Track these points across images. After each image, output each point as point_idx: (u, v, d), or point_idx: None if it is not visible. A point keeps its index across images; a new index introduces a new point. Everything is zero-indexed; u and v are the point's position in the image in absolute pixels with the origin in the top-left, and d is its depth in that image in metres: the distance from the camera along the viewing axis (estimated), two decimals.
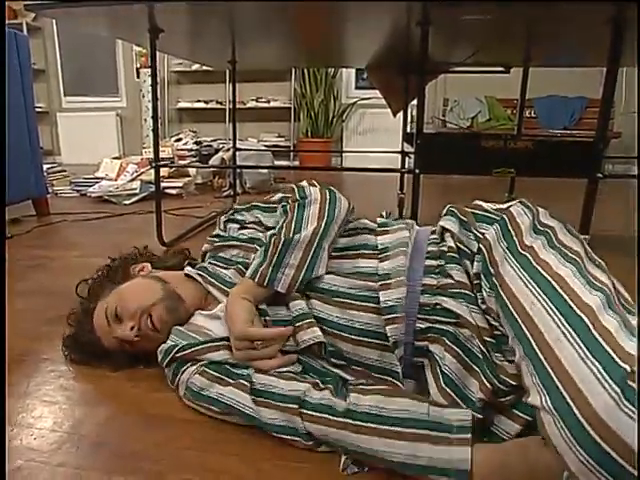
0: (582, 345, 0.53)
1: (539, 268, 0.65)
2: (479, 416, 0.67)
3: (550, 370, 0.54)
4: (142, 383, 0.92)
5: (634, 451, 0.45)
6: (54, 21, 5.65)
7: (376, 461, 0.67)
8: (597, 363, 0.50)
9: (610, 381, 0.48)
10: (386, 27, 1.75)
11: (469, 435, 0.62)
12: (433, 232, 0.86)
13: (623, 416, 0.46)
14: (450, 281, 0.75)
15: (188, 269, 0.99)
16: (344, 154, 4.58)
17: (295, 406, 0.73)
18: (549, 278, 0.63)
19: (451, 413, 0.65)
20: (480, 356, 0.70)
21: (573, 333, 0.54)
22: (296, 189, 0.93)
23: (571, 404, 0.50)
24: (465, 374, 0.70)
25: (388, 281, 0.78)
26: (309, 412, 0.72)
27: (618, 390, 0.47)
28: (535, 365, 0.56)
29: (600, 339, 0.52)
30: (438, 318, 0.74)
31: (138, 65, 5.62)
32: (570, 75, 4.14)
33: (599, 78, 4.42)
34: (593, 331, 0.53)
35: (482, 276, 0.72)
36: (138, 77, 5.57)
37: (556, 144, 1.69)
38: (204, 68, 5.29)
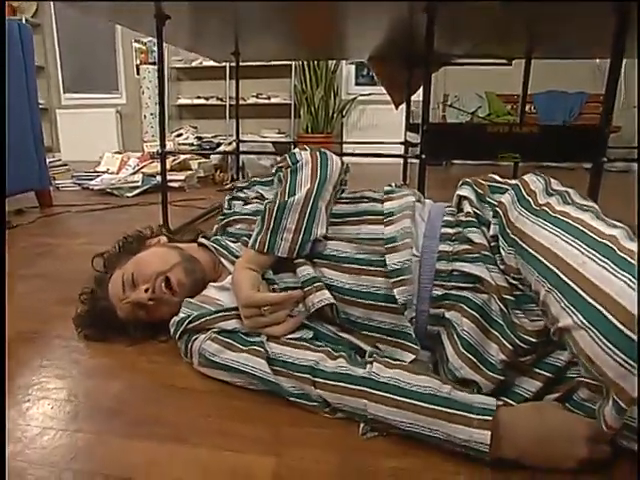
0: (609, 262, 0.55)
1: (558, 216, 0.65)
2: (501, 378, 0.68)
3: (579, 290, 0.55)
4: (156, 357, 0.93)
5: None
6: (54, 17, 5.66)
7: (394, 429, 0.68)
8: (626, 274, 0.52)
9: None
10: (390, 16, 1.76)
11: (491, 418, 0.61)
12: (449, 206, 0.87)
13: None
14: (467, 247, 0.76)
15: (202, 239, 1.00)
16: (345, 146, 4.55)
17: (308, 376, 0.73)
18: (569, 221, 0.63)
19: (475, 396, 0.65)
20: (499, 320, 0.70)
21: (598, 255, 0.56)
22: (288, 156, 0.93)
23: (604, 312, 0.52)
24: (484, 338, 0.70)
25: (394, 244, 0.78)
26: (323, 381, 0.73)
27: None
28: (563, 291, 0.57)
29: (625, 256, 0.54)
30: (455, 284, 0.74)
31: (138, 62, 5.62)
32: (569, 71, 4.16)
33: (597, 73, 4.44)
34: (618, 252, 0.55)
35: (500, 237, 0.72)
36: (138, 74, 5.56)
37: (561, 129, 1.70)
38: (204, 64, 5.30)
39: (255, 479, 0.62)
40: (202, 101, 5.55)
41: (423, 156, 1.49)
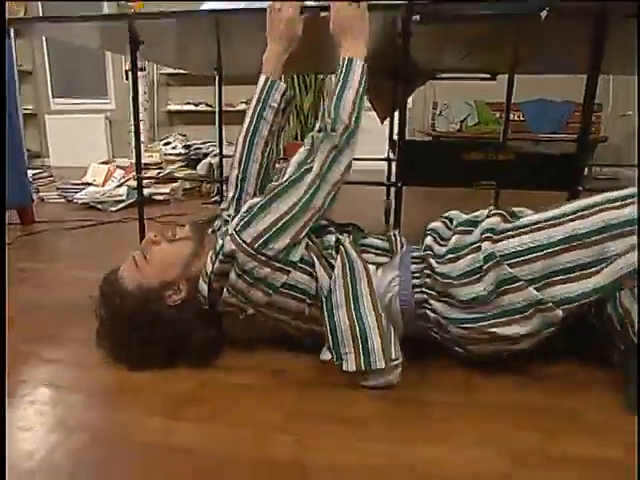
0: None
1: None
2: None
3: None
4: (129, 406, 0.92)
5: None
6: None
7: None
8: None
9: None
10: (376, 30, 1.74)
11: None
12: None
13: None
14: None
15: None
16: None
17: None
18: None
19: None
20: None
21: None
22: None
23: None
24: None
25: None
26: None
27: None
28: None
29: None
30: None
31: (127, 67, 5.59)
32: (556, 80, 4.16)
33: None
34: None
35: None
36: (127, 79, 5.54)
37: (538, 156, 1.70)
38: None
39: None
40: (192, 107, 5.53)
41: (399, 184, 1.49)
